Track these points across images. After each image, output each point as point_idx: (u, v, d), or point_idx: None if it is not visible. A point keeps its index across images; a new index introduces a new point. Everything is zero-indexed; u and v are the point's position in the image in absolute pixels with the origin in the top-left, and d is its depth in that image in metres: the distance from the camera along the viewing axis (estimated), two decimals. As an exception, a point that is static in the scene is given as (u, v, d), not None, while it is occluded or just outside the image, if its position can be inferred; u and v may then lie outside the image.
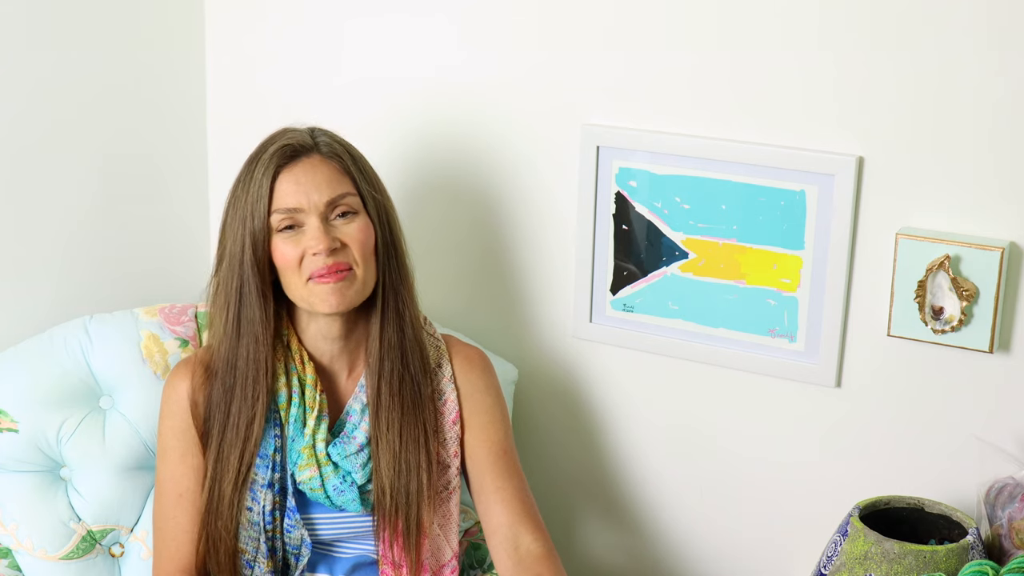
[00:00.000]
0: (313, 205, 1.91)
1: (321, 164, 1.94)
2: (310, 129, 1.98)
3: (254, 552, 1.97)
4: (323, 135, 1.98)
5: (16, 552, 2.09)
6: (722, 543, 2.30)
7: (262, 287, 1.94)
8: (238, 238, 1.93)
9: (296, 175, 1.92)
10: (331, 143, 1.97)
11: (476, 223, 2.35)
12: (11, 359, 2.13)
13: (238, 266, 1.93)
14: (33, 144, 2.24)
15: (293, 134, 1.96)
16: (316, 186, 1.92)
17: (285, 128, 1.99)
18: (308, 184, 1.92)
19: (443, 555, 2.02)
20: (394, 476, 1.96)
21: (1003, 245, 1.94)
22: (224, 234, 1.97)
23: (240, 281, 1.94)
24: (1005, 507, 1.91)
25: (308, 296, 1.93)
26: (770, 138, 2.08)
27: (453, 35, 2.29)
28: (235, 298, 1.94)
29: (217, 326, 1.98)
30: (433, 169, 2.36)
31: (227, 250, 1.95)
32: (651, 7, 2.12)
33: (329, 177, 1.93)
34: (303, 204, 1.91)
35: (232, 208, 1.96)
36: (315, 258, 1.90)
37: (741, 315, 2.17)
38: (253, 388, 1.95)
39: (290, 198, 1.91)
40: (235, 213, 1.95)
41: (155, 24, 2.41)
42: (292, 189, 1.91)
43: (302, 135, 1.96)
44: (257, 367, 1.95)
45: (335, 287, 1.91)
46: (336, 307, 1.92)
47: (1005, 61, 1.91)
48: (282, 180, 1.92)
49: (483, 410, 2.04)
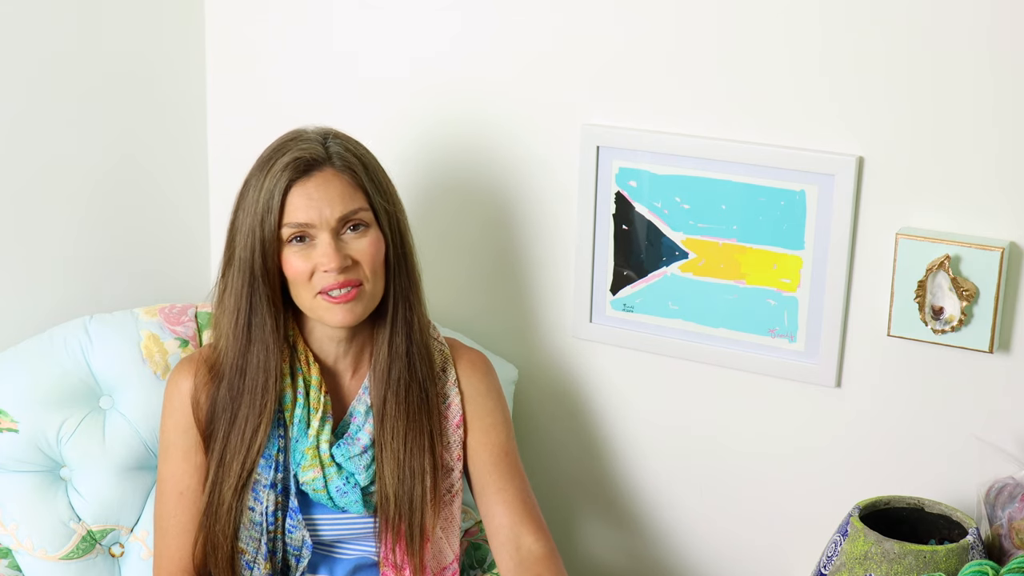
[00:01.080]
0: (325, 221, 1.88)
1: (334, 178, 1.90)
2: (323, 135, 1.94)
3: (254, 553, 1.97)
4: (336, 143, 1.93)
5: (16, 552, 2.09)
6: (722, 543, 2.30)
7: (272, 296, 1.93)
8: (248, 245, 1.91)
9: (308, 190, 1.89)
10: (344, 154, 1.92)
11: (476, 223, 2.35)
12: (11, 359, 2.13)
13: (248, 273, 1.91)
14: (33, 144, 2.24)
15: (306, 144, 1.91)
16: (329, 201, 1.89)
17: (298, 131, 1.95)
18: (321, 200, 1.88)
19: (445, 557, 2.02)
20: (398, 483, 1.96)
21: (1003, 245, 1.94)
22: (233, 236, 1.95)
23: (251, 288, 1.92)
24: (1005, 507, 1.91)
25: (316, 309, 1.92)
26: (770, 138, 2.08)
27: (453, 35, 2.28)
28: (245, 304, 1.93)
29: (225, 329, 1.97)
30: (432, 169, 2.36)
31: (236, 254, 1.93)
32: (651, 7, 2.12)
33: (342, 192, 1.90)
34: (314, 220, 1.88)
35: (242, 212, 1.93)
36: (326, 275, 1.89)
37: (741, 315, 2.17)
38: (262, 396, 1.94)
39: (301, 213, 1.88)
40: (245, 218, 1.92)
41: (155, 24, 2.41)
42: (304, 204, 1.88)
43: (315, 146, 1.91)
44: (267, 375, 1.94)
45: (345, 306, 1.90)
46: (344, 323, 1.92)
47: (1005, 61, 1.91)
48: (294, 194, 1.89)
49: (486, 413, 2.04)
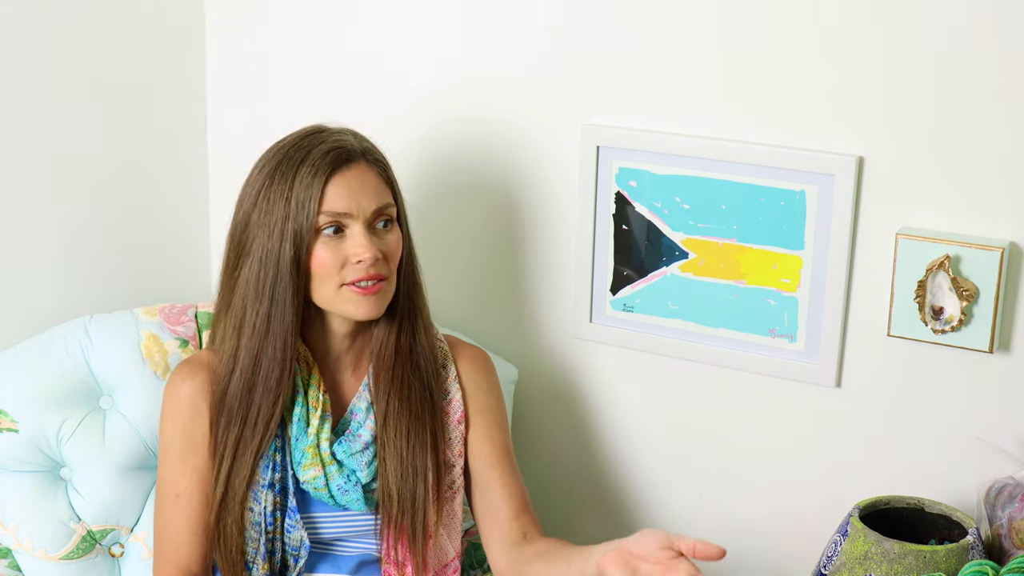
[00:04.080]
0: (362, 211, 1.90)
1: (368, 171, 1.93)
2: (351, 132, 1.96)
3: (253, 553, 1.97)
4: (364, 141, 1.96)
5: (16, 552, 2.09)
6: (722, 542, 2.28)
7: (298, 286, 1.91)
8: (275, 235, 1.89)
9: (348, 180, 1.90)
10: (372, 150, 1.95)
11: (476, 223, 2.35)
12: (11, 359, 2.13)
13: (275, 264, 1.90)
14: (33, 145, 2.24)
15: (340, 137, 1.93)
16: (366, 193, 1.91)
17: (320, 126, 1.95)
18: (359, 190, 1.90)
19: (446, 554, 2.02)
20: (401, 482, 1.96)
21: (1003, 245, 1.94)
22: (250, 229, 1.92)
23: (275, 279, 1.90)
24: (1005, 507, 1.91)
25: (339, 301, 1.91)
26: (770, 138, 2.08)
27: (452, 35, 2.28)
28: (267, 295, 1.91)
29: (237, 322, 1.94)
30: (432, 169, 2.36)
31: (256, 245, 1.91)
32: (652, 8, 2.12)
33: (376, 185, 1.92)
34: (353, 210, 1.90)
35: (265, 203, 1.90)
36: (358, 266, 1.89)
37: (741, 315, 2.17)
38: (276, 388, 1.93)
39: (341, 202, 1.89)
40: (271, 209, 1.90)
41: (155, 24, 2.41)
42: (344, 193, 1.89)
43: (350, 139, 1.93)
44: (282, 367, 1.93)
45: (373, 298, 1.91)
46: (370, 315, 1.92)
47: (1005, 61, 1.91)
48: (335, 183, 1.89)
49: (487, 409, 2.05)
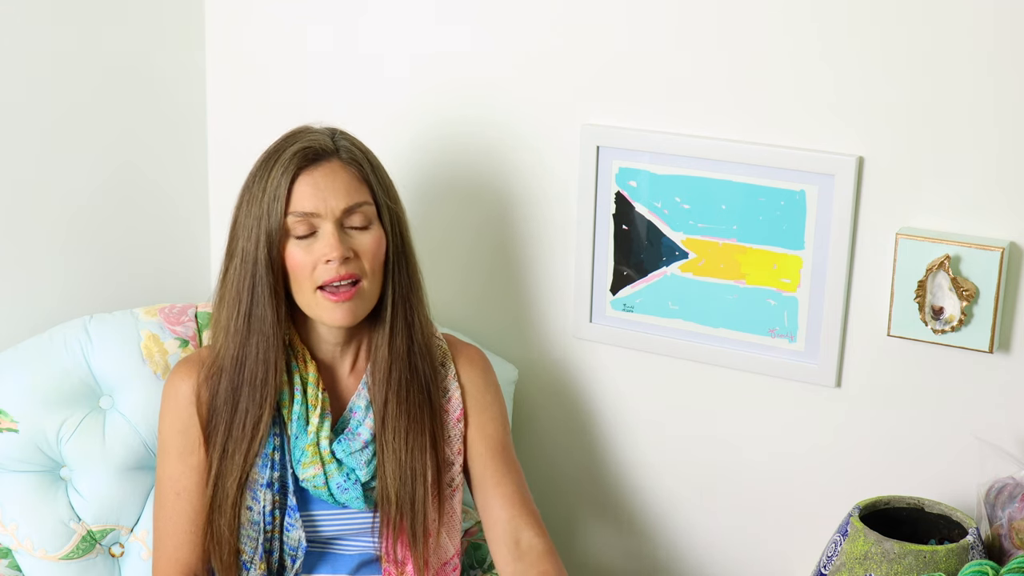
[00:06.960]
0: (330, 210, 1.89)
1: (341, 170, 1.92)
2: (331, 131, 1.96)
3: (251, 553, 1.97)
4: (344, 139, 1.95)
5: (16, 552, 2.09)
6: (722, 543, 2.30)
7: (275, 286, 1.92)
8: (252, 236, 1.91)
9: (315, 179, 1.90)
10: (351, 148, 1.95)
11: (476, 223, 2.35)
12: (11, 359, 2.13)
13: (251, 264, 1.92)
14: (33, 144, 2.24)
15: (314, 136, 1.94)
16: (335, 192, 1.90)
17: (305, 127, 1.97)
18: (327, 189, 1.90)
19: (445, 553, 2.02)
20: (400, 483, 1.96)
21: (1003, 245, 1.94)
22: (236, 230, 1.95)
23: (253, 280, 1.92)
24: (1005, 507, 1.91)
25: (315, 306, 1.92)
26: (770, 138, 2.08)
27: (452, 35, 2.28)
28: (247, 296, 1.93)
29: (224, 323, 1.97)
30: (432, 169, 2.36)
31: (239, 246, 1.94)
32: (652, 7, 2.12)
33: (348, 184, 1.91)
34: (320, 209, 1.90)
35: (246, 205, 1.93)
36: (327, 266, 1.89)
37: (741, 315, 2.17)
38: (262, 389, 1.94)
39: (307, 201, 1.90)
40: (249, 210, 1.93)
41: (155, 24, 2.41)
42: (310, 192, 1.90)
43: (323, 138, 1.94)
44: (267, 367, 1.94)
45: (347, 305, 1.91)
46: (343, 322, 1.92)
47: (1006, 60, 1.91)
48: (301, 182, 1.90)
49: (485, 407, 2.05)
